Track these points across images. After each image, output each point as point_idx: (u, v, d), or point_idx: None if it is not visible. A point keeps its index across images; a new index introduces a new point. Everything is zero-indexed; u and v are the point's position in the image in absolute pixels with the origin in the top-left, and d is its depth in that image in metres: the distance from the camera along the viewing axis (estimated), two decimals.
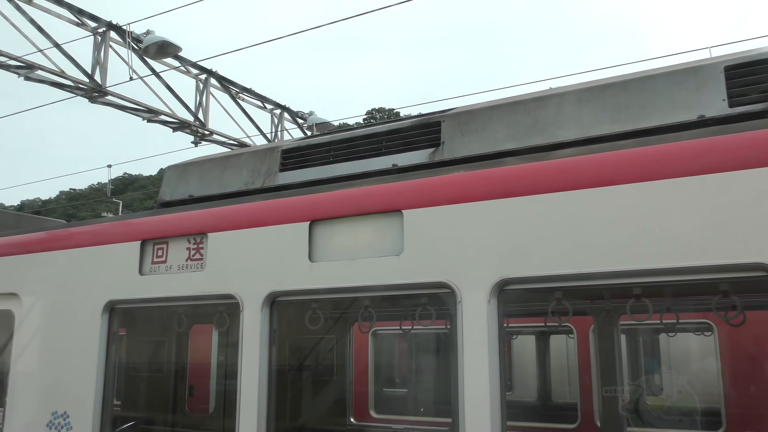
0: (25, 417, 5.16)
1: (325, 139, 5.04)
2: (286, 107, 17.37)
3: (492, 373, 3.34)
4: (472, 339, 3.41)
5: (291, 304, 4.31)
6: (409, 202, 3.79)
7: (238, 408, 4.10)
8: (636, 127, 3.89)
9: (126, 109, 13.81)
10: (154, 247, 4.76)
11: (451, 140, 4.45)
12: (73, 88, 12.74)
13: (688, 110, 3.80)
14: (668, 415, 7.44)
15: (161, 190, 5.69)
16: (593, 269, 3.22)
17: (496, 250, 3.45)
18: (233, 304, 4.27)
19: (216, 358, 8.89)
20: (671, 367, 8.12)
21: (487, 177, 3.69)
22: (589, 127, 4.04)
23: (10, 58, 11.85)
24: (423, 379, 10.18)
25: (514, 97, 4.48)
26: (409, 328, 6.15)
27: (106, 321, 4.86)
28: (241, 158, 5.35)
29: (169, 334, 7.30)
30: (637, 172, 3.22)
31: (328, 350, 7.65)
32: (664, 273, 3.09)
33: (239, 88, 15.95)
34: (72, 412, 4.86)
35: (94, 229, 5.38)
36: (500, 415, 3.31)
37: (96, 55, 12.79)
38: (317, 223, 4.09)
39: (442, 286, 3.57)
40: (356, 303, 4.35)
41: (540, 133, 4.18)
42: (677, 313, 5.31)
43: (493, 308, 3.40)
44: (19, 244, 5.68)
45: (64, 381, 4.99)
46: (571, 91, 4.21)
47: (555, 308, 3.58)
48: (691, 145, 3.21)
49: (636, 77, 4.07)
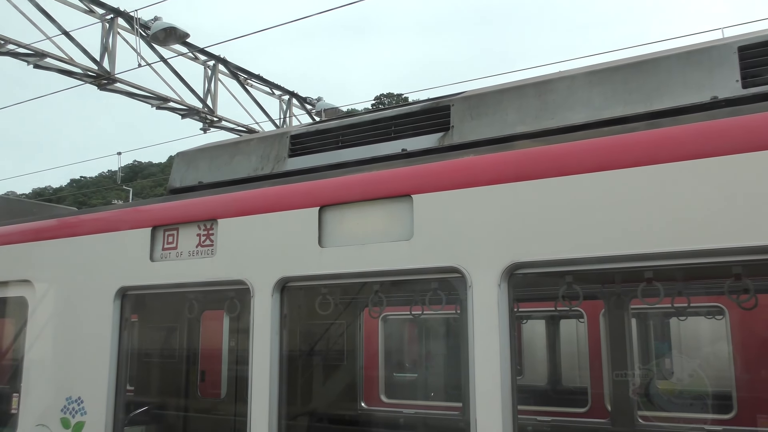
0: (40, 402, 5.23)
1: (334, 125, 5.02)
2: (295, 93, 17.34)
3: (503, 357, 3.34)
4: (483, 323, 3.41)
5: (301, 289, 4.32)
6: (419, 187, 3.78)
7: (249, 393, 4.13)
8: (648, 109, 3.85)
9: (135, 97, 13.83)
10: (164, 233, 4.78)
11: (460, 124, 4.42)
12: (82, 76, 12.76)
13: (700, 91, 3.75)
14: (679, 399, 7.43)
15: (171, 177, 5.70)
16: (604, 253, 3.20)
17: (507, 234, 3.44)
18: (244, 289, 4.29)
19: (227, 343, 8.95)
20: (682, 351, 8.09)
21: (497, 161, 3.67)
22: (601, 109, 4.00)
23: (19, 46, 11.87)
24: (433, 364, 10.21)
25: (525, 80, 4.43)
26: (419, 313, 6.16)
27: (118, 307, 4.89)
28: (251, 144, 5.35)
29: (180, 320, 7.35)
30: (649, 154, 3.19)
31: (338, 335, 7.68)
32: (677, 256, 3.07)
33: (247, 75, 15.93)
34: (86, 397, 4.91)
35: (105, 216, 5.40)
36: (511, 399, 3.31)
37: (104, 42, 12.79)
38: (327, 208, 4.08)
39: (452, 270, 3.57)
40: (367, 288, 4.35)
41: (550, 116, 4.14)
42: (688, 296, 5.28)
43: (503, 292, 3.40)
44: (32, 232, 5.72)
45: (77, 367, 5.04)
46: (581, 74, 4.17)
47: (565, 292, 3.57)
48: (704, 127, 3.18)
49: (648, 58, 4.02)
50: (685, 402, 7.37)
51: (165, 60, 13.77)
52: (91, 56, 12.63)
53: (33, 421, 5.20)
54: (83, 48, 12.50)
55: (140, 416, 6.28)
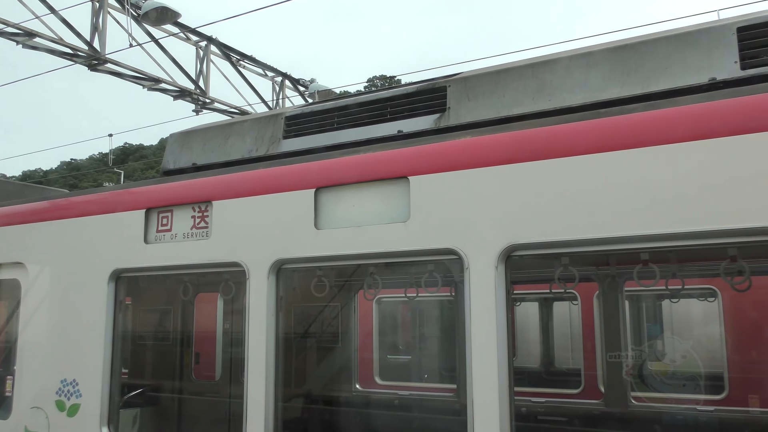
0: (35, 385, 5.22)
1: (329, 106, 4.98)
2: (288, 75, 17.20)
3: (500, 339, 3.34)
4: (480, 305, 3.41)
5: (297, 271, 4.30)
6: (416, 169, 3.75)
7: (246, 374, 4.13)
8: (645, 91, 3.83)
9: (126, 78, 13.67)
10: (158, 215, 4.75)
11: (457, 105, 4.39)
12: (72, 56, 12.60)
13: (698, 73, 3.73)
14: (672, 380, 7.50)
15: (164, 159, 5.65)
16: (600, 235, 3.20)
17: (504, 216, 3.43)
18: (239, 272, 4.27)
19: (221, 326, 8.96)
20: (675, 333, 8.16)
21: (494, 142, 3.65)
22: (598, 90, 3.97)
23: (7, 25, 11.69)
24: (427, 346, 10.26)
25: (521, 61, 4.40)
26: (414, 295, 6.16)
27: (112, 290, 4.87)
28: (245, 125, 5.30)
29: (174, 302, 7.34)
30: (646, 136, 3.18)
31: (333, 317, 7.70)
32: (673, 238, 3.07)
33: (240, 56, 15.78)
34: (81, 379, 4.90)
35: (98, 198, 5.36)
36: (507, 380, 3.32)
37: (94, 22, 12.62)
38: (323, 190, 4.06)
39: (449, 252, 3.56)
40: (363, 270, 4.34)
41: (548, 97, 4.12)
42: (682, 279, 5.31)
43: (500, 274, 3.39)
44: (24, 214, 5.67)
45: (72, 349, 5.02)
46: (579, 54, 4.14)
47: (561, 274, 3.57)
48: (701, 108, 3.16)
49: (646, 39, 3.99)
50: (678, 382, 7.44)
51: (156, 40, 13.61)
52: (82, 36, 12.46)
53: (28, 404, 5.20)
54: (73, 27, 12.34)
55: (135, 398, 6.29)
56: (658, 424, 6.59)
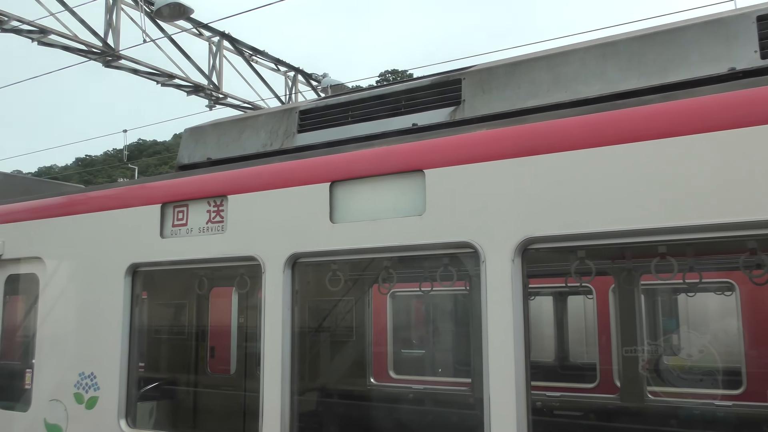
0: (53, 378, 5.27)
1: (343, 100, 4.97)
2: (300, 69, 17.21)
3: (516, 333, 3.33)
4: (496, 298, 3.39)
5: (313, 265, 4.31)
6: (431, 162, 3.74)
7: (261, 368, 4.14)
8: (663, 82, 3.79)
9: (140, 73, 13.76)
10: (174, 210, 4.77)
11: (472, 98, 4.36)
12: (86, 53, 12.69)
13: (717, 63, 3.68)
14: (688, 374, 7.44)
15: (179, 153, 5.67)
16: (617, 228, 3.17)
17: (520, 209, 3.41)
18: (255, 266, 4.28)
19: (236, 320, 8.99)
20: (691, 327, 8.09)
21: (509, 135, 3.62)
22: (615, 82, 3.93)
23: (22, 23, 11.78)
24: (442, 340, 10.24)
25: (536, 53, 4.37)
26: (429, 289, 6.15)
27: (129, 284, 4.90)
28: (259, 120, 5.31)
29: (190, 296, 7.38)
30: (664, 127, 3.14)
31: (348, 311, 7.70)
32: (691, 230, 3.04)
33: (252, 51, 15.80)
34: (99, 372, 4.94)
35: (114, 193, 5.39)
36: (524, 374, 3.31)
37: (108, 18, 12.69)
38: (338, 183, 4.05)
39: (465, 245, 3.54)
40: (378, 264, 4.34)
41: (563, 89, 4.08)
42: (700, 272, 5.25)
43: (517, 267, 3.37)
44: (42, 209, 5.72)
45: (89, 343, 5.07)
46: (595, 45, 4.10)
47: (577, 268, 3.54)
48: (720, 99, 3.12)
49: (663, 29, 3.94)
50: (695, 377, 7.38)
51: (170, 36, 13.66)
52: (96, 32, 12.54)
53: (47, 397, 5.25)
54: (87, 24, 12.42)
55: (152, 392, 6.33)
56: (674, 419, 6.54)
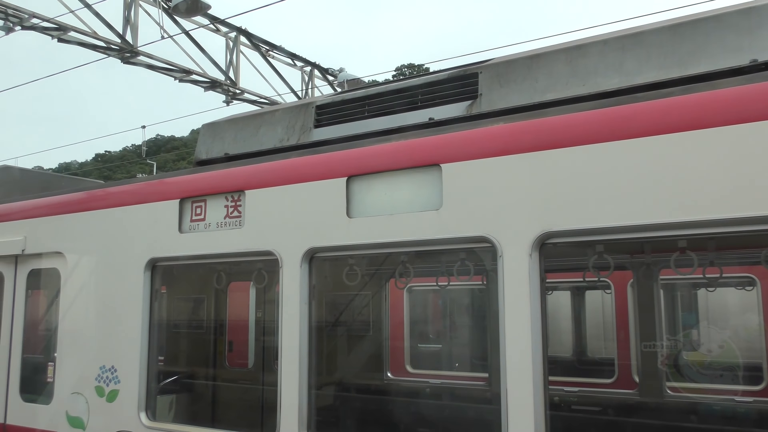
0: (75, 371, 5.34)
1: (360, 94, 4.96)
2: (317, 64, 17.22)
3: (534, 327, 3.31)
4: (514, 293, 3.38)
5: (330, 260, 4.32)
6: (448, 156, 3.73)
7: (279, 362, 4.16)
8: (684, 74, 3.74)
9: (158, 69, 13.85)
10: (192, 205, 4.80)
11: (489, 92, 4.34)
12: (105, 49, 12.81)
13: (739, 54, 3.63)
14: (708, 370, 7.36)
15: (197, 149, 5.70)
16: (636, 222, 3.14)
17: (537, 204, 3.38)
18: (272, 260, 4.30)
19: (254, 314, 9.05)
20: (711, 322, 8.00)
21: (526, 129, 3.60)
22: (634, 74, 3.89)
23: (42, 20, 11.91)
24: (458, 335, 10.24)
25: (554, 46, 4.33)
26: (446, 284, 6.15)
27: (148, 278, 4.95)
28: (276, 115, 5.32)
29: (208, 291, 7.44)
30: (684, 120, 3.10)
31: (365, 306, 7.72)
32: (711, 225, 3.00)
33: (269, 46, 15.84)
34: (119, 366, 5.01)
35: (133, 189, 5.44)
36: (542, 369, 3.29)
37: (126, 15, 12.80)
38: (354, 178, 4.06)
39: (482, 240, 3.53)
40: (394, 258, 4.33)
41: (581, 82, 4.05)
42: (720, 266, 5.18)
43: (534, 262, 3.36)
44: (62, 204, 5.79)
45: (110, 337, 5.13)
46: (614, 38, 4.05)
47: (595, 262, 3.51)
48: (740, 92, 3.07)
49: (683, 21, 3.89)
50: (715, 373, 7.30)
51: (187, 32, 13.74)
52: (114, 29, 12.66)
53: (68, 390, 5.33)
54: (106, 21, 12.53)
55: (171, 385, 6.40)
56: (694, 415, 6.48)
